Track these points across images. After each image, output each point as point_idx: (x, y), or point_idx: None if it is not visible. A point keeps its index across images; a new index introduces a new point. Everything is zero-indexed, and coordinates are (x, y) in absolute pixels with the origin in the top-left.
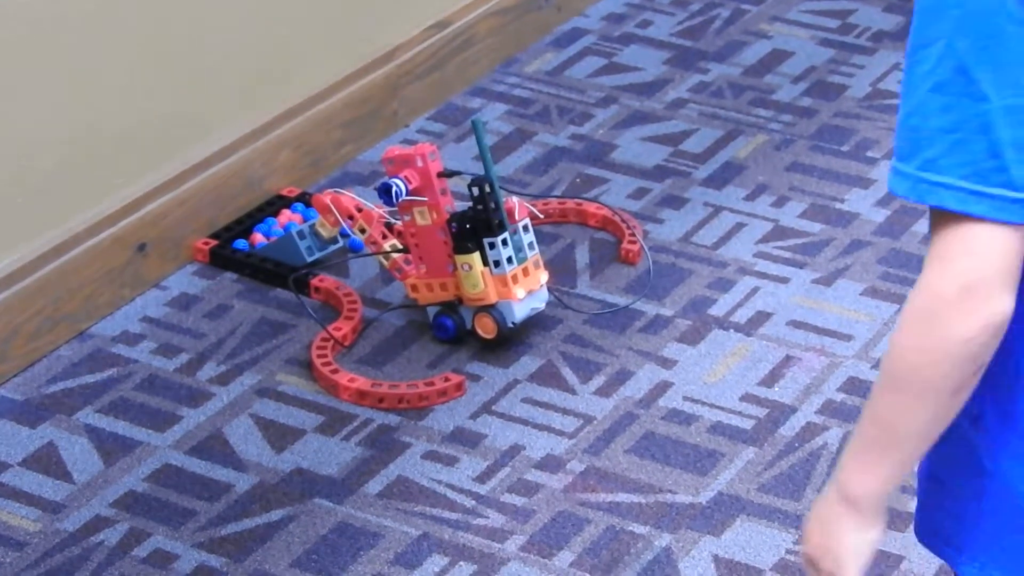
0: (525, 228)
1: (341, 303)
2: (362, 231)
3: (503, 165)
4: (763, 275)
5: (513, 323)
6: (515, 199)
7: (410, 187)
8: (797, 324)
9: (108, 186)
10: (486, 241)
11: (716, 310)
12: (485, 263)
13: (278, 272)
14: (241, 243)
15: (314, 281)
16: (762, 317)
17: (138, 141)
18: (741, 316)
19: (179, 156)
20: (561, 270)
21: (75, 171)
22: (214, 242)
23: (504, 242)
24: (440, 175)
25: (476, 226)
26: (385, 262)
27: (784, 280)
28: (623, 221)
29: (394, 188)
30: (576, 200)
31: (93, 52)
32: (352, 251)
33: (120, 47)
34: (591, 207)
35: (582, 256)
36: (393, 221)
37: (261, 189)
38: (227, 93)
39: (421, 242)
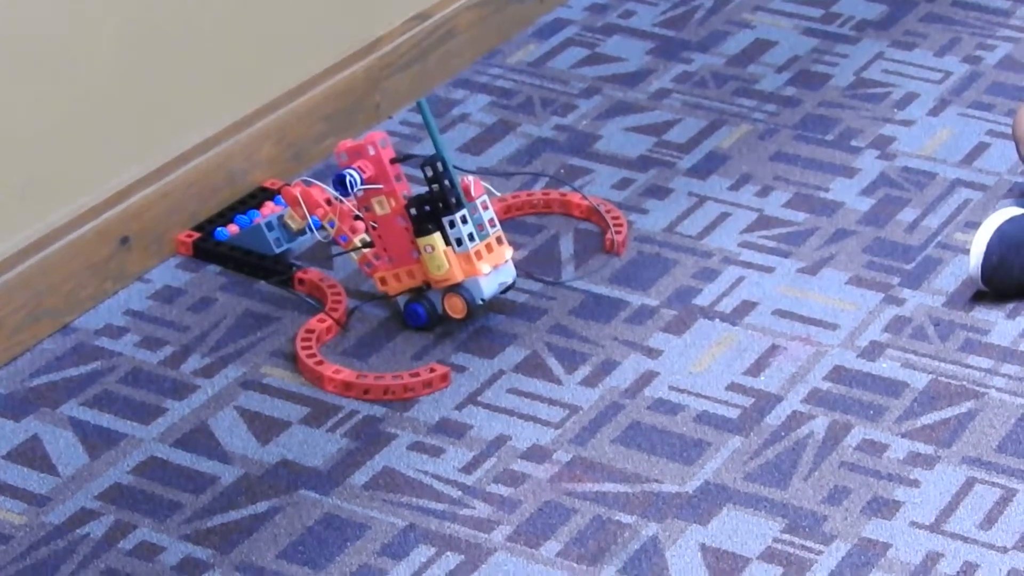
0: (484, 206)
1: (325, 295)
2: (331, 224)
3: (486, 156)
4: (748, 264)
5: (482, 299)
6: (470, 177)
7: (364, 176)
8: (782, 313)
9: (90, 179)
10: (445, 220)
11: (701, 300)
12: (447, 243)
13: (262, 265)
14: (223, 232)
15: (299, 273)
16: (747, 306)
17: (119, 134)
18: (726, 306)
19: (161, 149)
20: (546, 261)
21: (56, 164)
22: (197, 235)
23: (463, 219)
24: (393, 161)
25: (434, 207)
26: (355, 257)
27: (769, 269)
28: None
29: (348, 178)
30: (560, 191)
31: (74, 45)
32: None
33: (101, 40)
34: (575, 197)
35: (566, 247)
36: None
37: (244, 182)
38: (209, 86)
39: (384, 232)
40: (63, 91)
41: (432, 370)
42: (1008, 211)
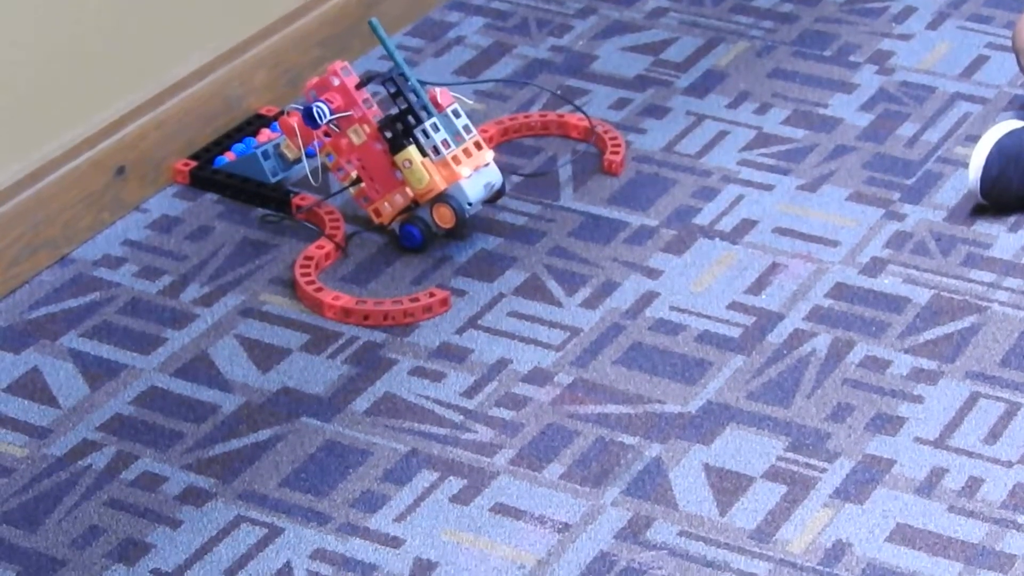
0: (456, 114)
1: (323, 221)
2: (330, 158)
3: (483, 79)
4: (747, 183)
5: (469, 203)
6: (437, 88)
7: (333, 107)
8: (783, 231)
9: (84, 109)
10: (417, 131)
11: (701, 219)
12: (423, 154)
13: (260, 192)
14: (222, 159)
15: (296, 200)
16: (747, 225)
17: (114, 63)
18: (726, 224)
19: (156, 77)
20: (544, 183)
21: (50, 95)
22: (194, 163)
23: (435, 127)
24: (359, 86)
25: (404, 122)
26: (352, 192)
27: (768, 187)
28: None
29: (315, 110)
30: (557, 112)
31: None
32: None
33: None
34: (573, 119)
35: (564, 168)
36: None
37: (240, 109)
38: (202, 13)
39: (365, 162)
40: (56, 20)
41: (432, 295)
42: (1008, 124)
